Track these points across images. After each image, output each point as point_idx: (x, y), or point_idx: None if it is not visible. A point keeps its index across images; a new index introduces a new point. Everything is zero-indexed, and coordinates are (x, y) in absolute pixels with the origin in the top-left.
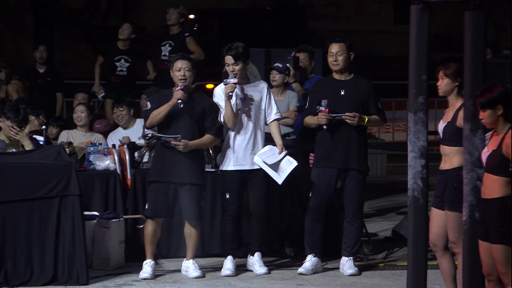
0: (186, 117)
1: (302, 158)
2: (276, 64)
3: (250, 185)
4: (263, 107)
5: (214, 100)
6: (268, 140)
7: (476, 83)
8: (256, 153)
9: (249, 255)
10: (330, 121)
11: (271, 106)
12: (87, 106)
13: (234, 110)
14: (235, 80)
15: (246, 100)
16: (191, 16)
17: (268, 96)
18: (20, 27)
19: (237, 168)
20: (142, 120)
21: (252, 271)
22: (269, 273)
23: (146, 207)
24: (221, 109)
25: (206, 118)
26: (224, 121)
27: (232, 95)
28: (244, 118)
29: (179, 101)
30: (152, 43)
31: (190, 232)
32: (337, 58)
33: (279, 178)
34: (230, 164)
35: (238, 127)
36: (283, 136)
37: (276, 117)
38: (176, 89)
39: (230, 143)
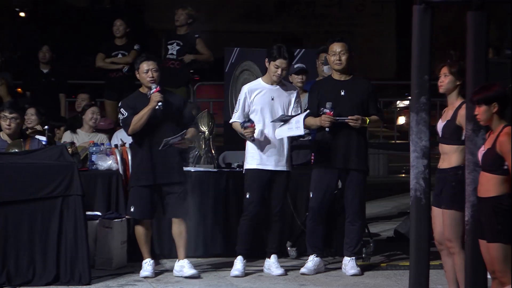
0: (165, 117)
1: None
2: (302, 65)
3: (273, 186)
4: (290, 111)
5: (240, 95)
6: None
7: (478, 82)
8: (281, 154)
9: (266, 258)
10: (333, 124)
11: (299, 112)
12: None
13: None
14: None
15: (274, 101)
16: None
17: (297, 102)
18: None
19: (261, 167)
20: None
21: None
22: (286, 274)
23: (132, 210)
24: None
25: (184, 113)
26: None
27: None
28: (271, 117)
29: (160, 103)
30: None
31: (180, 231)
32: (341, 57)
33: (298, 129)
34: (255, 162)
35: (267, 126)
36: (300, 137)
37: None
38: (152, 91)
39: (257, 142)
